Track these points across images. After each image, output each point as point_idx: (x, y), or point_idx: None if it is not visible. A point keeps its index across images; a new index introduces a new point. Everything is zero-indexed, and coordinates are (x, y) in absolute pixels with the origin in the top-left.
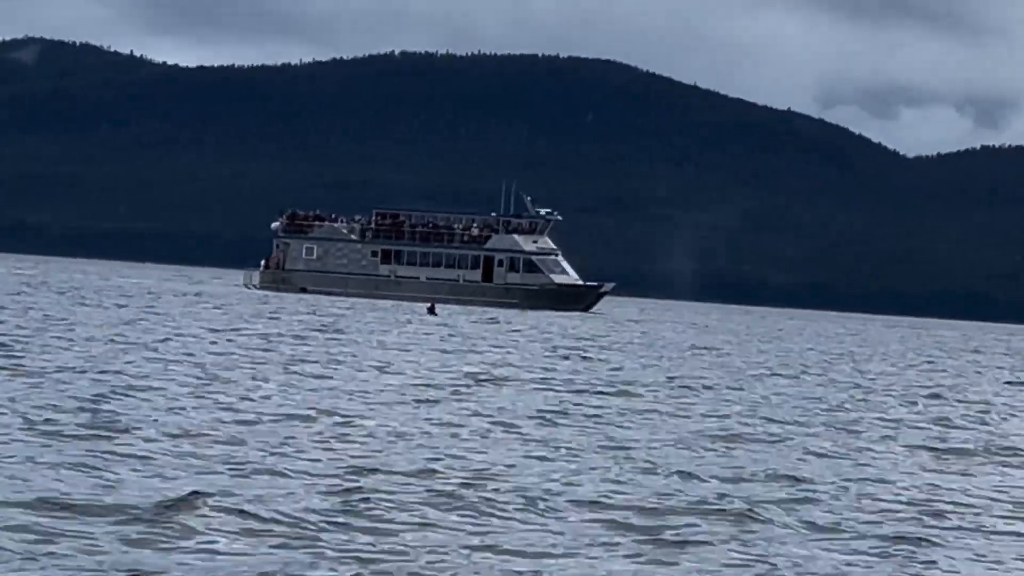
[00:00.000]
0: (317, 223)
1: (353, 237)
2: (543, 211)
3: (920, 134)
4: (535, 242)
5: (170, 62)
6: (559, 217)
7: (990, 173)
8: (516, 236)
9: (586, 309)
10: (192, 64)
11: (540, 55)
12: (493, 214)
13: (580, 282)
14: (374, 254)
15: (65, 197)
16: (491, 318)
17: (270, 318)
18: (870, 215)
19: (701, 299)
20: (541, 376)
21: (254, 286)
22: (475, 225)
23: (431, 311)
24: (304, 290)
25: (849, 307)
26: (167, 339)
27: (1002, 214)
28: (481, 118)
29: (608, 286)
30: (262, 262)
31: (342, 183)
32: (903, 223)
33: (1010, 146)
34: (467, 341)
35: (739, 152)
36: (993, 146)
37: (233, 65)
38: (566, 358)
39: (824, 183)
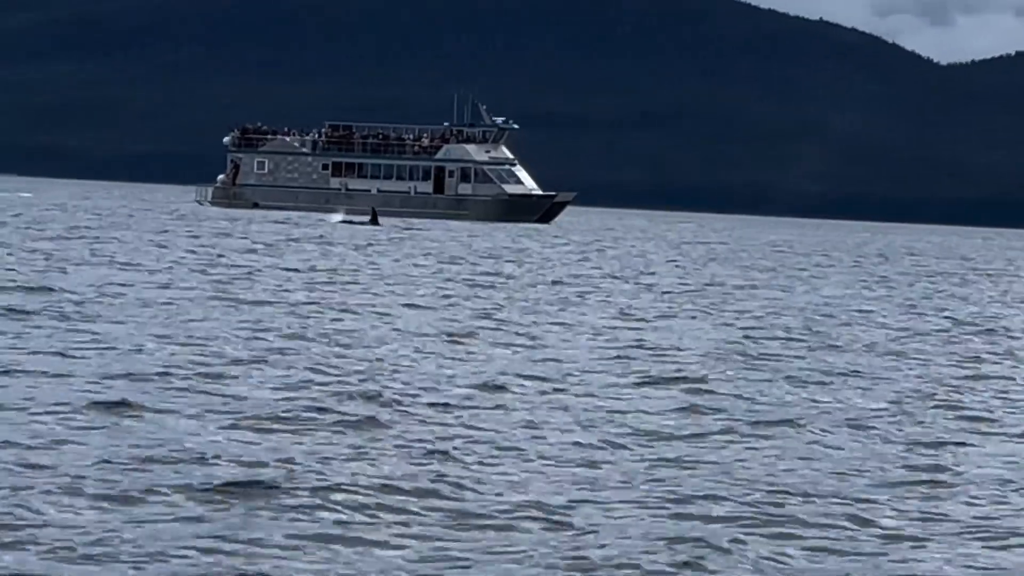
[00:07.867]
0: (269, 136)
1: (304, 150)
2: (499, 120)
3: (976, 41)
4: (488, 152)
5: None
6: (515, 126)
7: None
8: (468, 146)
9: (543, 220)
10: None
11: None
12: (446, 124)
13: (536, 192)
14: (325, 167)
15: (101, 121)
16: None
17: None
18: (901, 123)
19: (725, 212)
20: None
21: (208, 202)
22: (426, 136)
23: (373, 220)
24: (256, 205)
25: (880, 217)
26: None
27: None
28: (510, 31)
29: (568, 196)
30: (218, 177)
31: (369, 103)
32: (935, 131)
33: None
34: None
35: (769, 62)
36: None
37: None
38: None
39: (855, 92)
